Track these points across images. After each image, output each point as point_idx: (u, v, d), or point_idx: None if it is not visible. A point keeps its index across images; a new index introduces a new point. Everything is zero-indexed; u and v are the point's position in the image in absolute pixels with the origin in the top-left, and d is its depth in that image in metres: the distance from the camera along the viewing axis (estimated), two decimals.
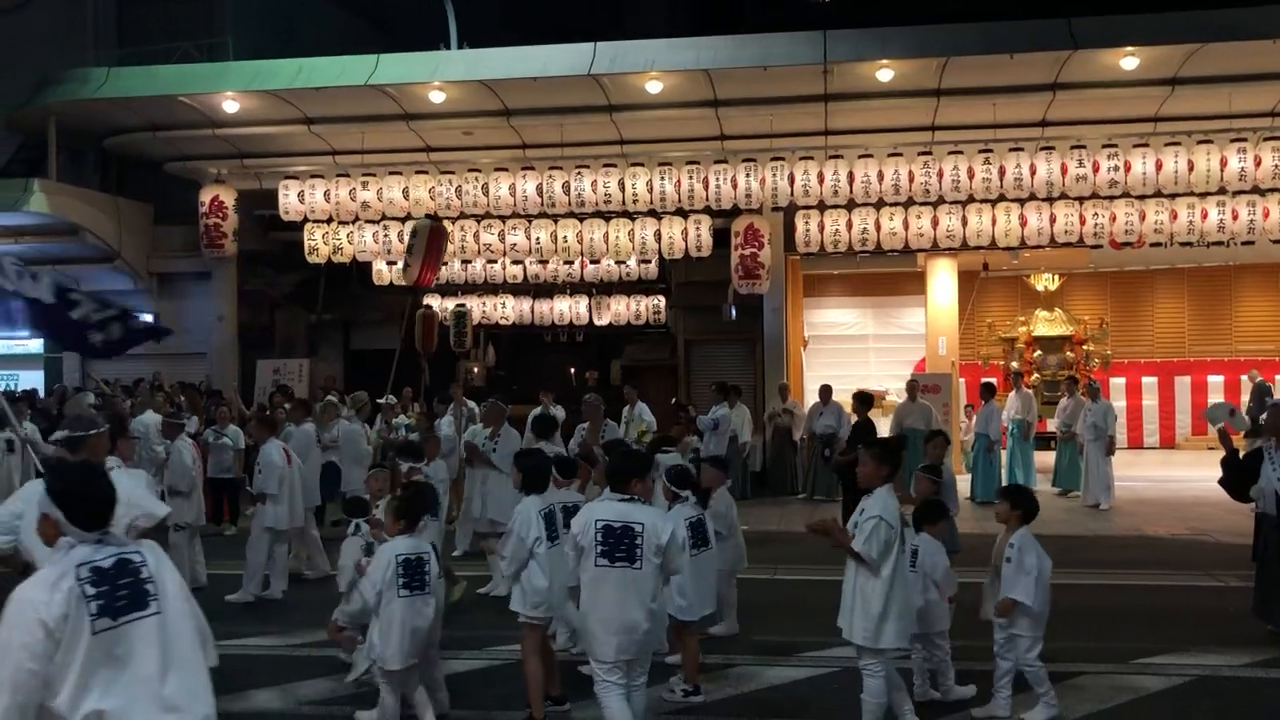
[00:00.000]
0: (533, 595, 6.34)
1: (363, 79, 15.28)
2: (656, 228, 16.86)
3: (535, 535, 6.33)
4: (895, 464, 5.92)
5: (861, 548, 5.63)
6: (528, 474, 6.65)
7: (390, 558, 6.01)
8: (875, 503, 5.72)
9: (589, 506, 5.69)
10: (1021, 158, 15.28)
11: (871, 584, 5.67)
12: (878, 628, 5.65)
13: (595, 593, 5.41)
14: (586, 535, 5.43)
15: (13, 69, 19.73)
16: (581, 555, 5.45)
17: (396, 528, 6.16)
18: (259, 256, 19.82)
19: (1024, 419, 16.30)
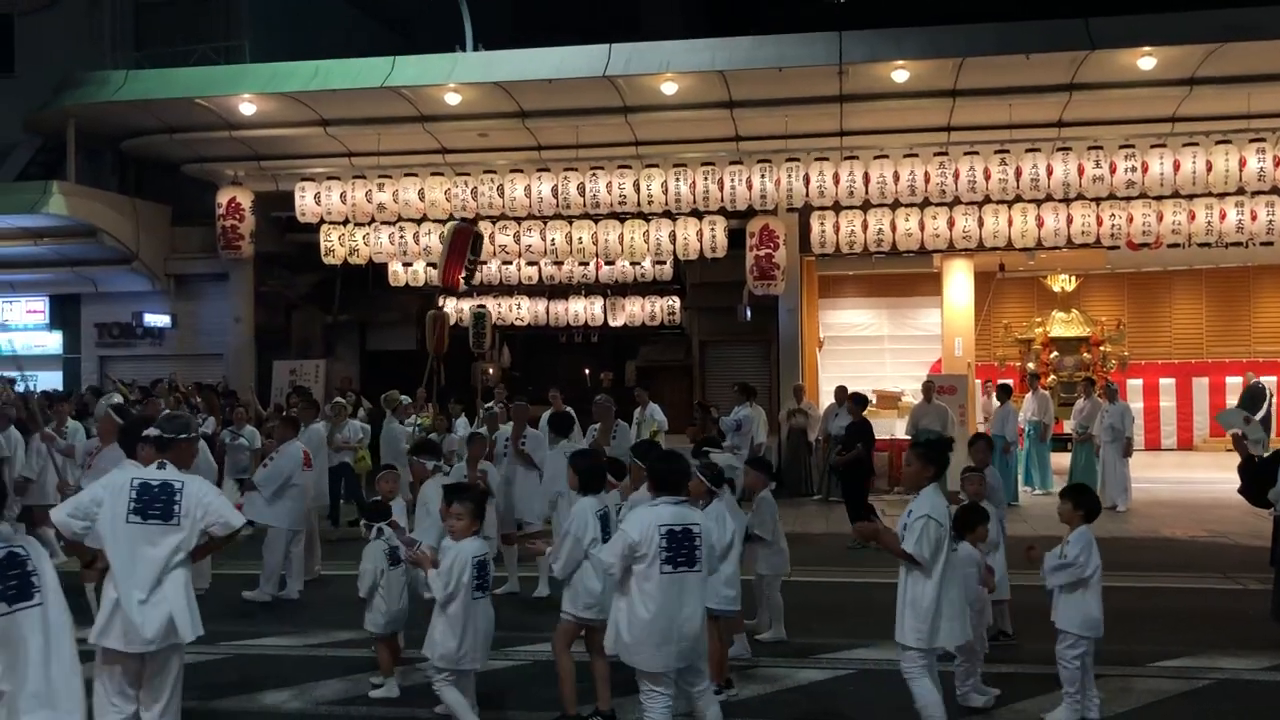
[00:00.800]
0: (585, 596, 6.31)
1: (379, 81, 15.33)
2: (671, 229, 16.86)
3: (591, 536, 6.24)
4: (942, 463, 5.80)
5: (913, 548, 5.53)
6: (584, 475, 6.54)
7: (468, 559, 5.91)
8: (923, 502, 5.62)
9: (644, 513, 5.46)
10: (1038, 158, 15.22)
11: (923, 584, 5.56)
12: (931, 626, 5.54)
13: (657, 601, 5.26)
14: (651, 543, 5.26)
15: (33, 72, 19.90)
16: (640, 563, 5.28)
17: (472, 528, 6.02)
18: (275, 258, 19.90)
19: (1041, 420, 16.26)
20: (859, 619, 8.66)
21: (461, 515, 5.98)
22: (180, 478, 5.23)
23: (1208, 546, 12.03)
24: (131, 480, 5.11)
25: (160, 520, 5.07)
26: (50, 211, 17.07)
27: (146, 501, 5.07)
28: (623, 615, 5.36)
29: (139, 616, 4.97)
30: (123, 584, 4.99)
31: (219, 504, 5.33)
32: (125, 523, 5.03)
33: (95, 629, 5.02)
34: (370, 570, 7.09)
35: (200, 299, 19.93)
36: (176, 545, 5.08)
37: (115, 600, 4.99)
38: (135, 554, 5.02)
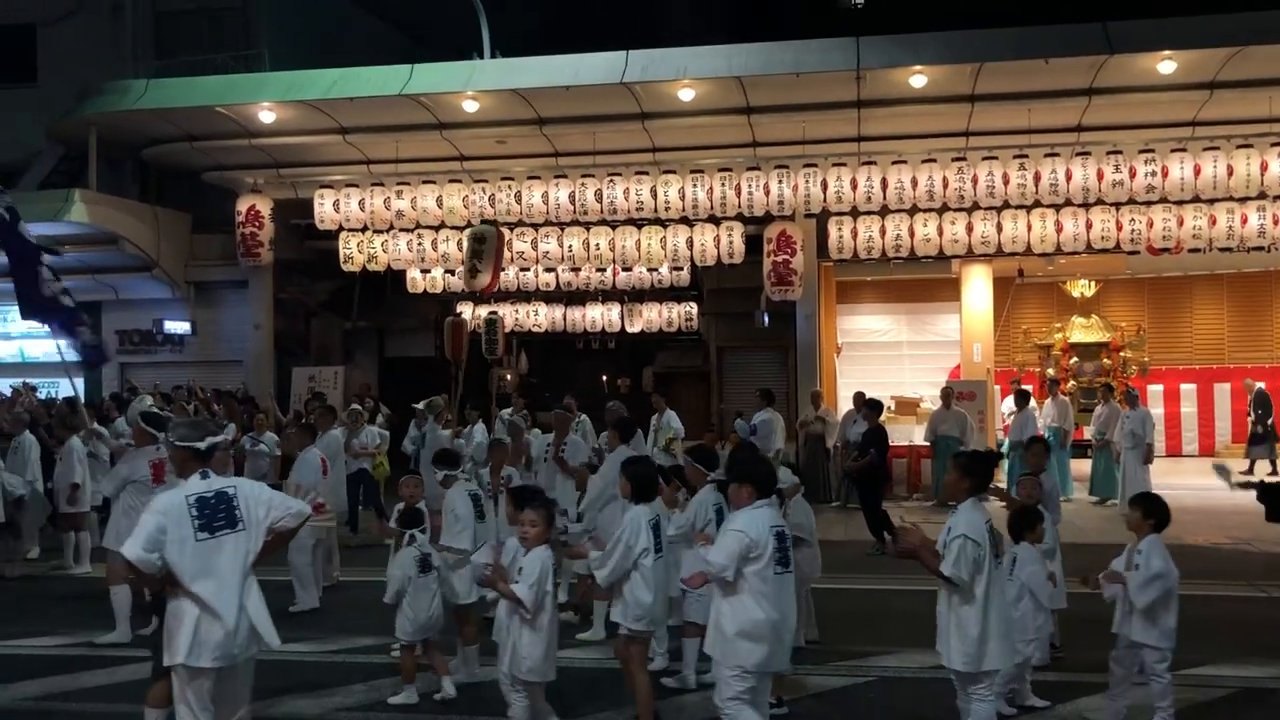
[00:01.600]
0: (635, 608, 6.21)
1: (397, 89, 15.40)
2: (689, 235, 16.87)
3: (644, 546, 6.17)
4: (983, 476, 5.67)
5: (950, 571, 5.38)
6: (637, 483, 6.44)
7: (550, 568, 5.85)
8: (960, 519, 5.48)
9: (753, 514, 5.44)
10: (1057, 163, 15.16)
11: (966, 606, 5.41)
12: (978, 650, 5.39)
13: (771, 600, 5.32)
14: (767, 545, 5.31)
15: (55, 82, 20.08)
16: (756, 564, 5.30)
17: (545, 536, 5.90)
18: (294, 265, 20.00)
19: (1060, 426, 16.17)
20: (879, 625, 8.63)
21: (535, 523, 5.86)
22: (231, 483, 5.19)
23: (1231, 554, 11.94)
24: (187, 498, 5.01)
25: (228, 529, 5.00)
26: (72, 219, 17.19)
27: (209, 515, 4.98)
28: (728, 616, 5.35)
29: (224, 629, 4.91)
30: (212, 600, 4.90)
31: (278, 498, 5.29)
32: (195, 541, 4.93)
33: (178, 650, 4.89)
34: (399, 577, 7.08)
35: (220, 306, 20.03)
36: (247, 550, 5.04)
37: (197, 618, 4.88)
38: (211, 569, 4.94)
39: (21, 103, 20.58)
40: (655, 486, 6.61)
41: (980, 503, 5.63)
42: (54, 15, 21.17)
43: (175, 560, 4.89)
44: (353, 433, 13.30)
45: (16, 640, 8.50)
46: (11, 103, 20.86)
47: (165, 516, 4.94)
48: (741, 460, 6.03)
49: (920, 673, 7.53)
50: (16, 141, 20.06)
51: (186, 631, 4.88)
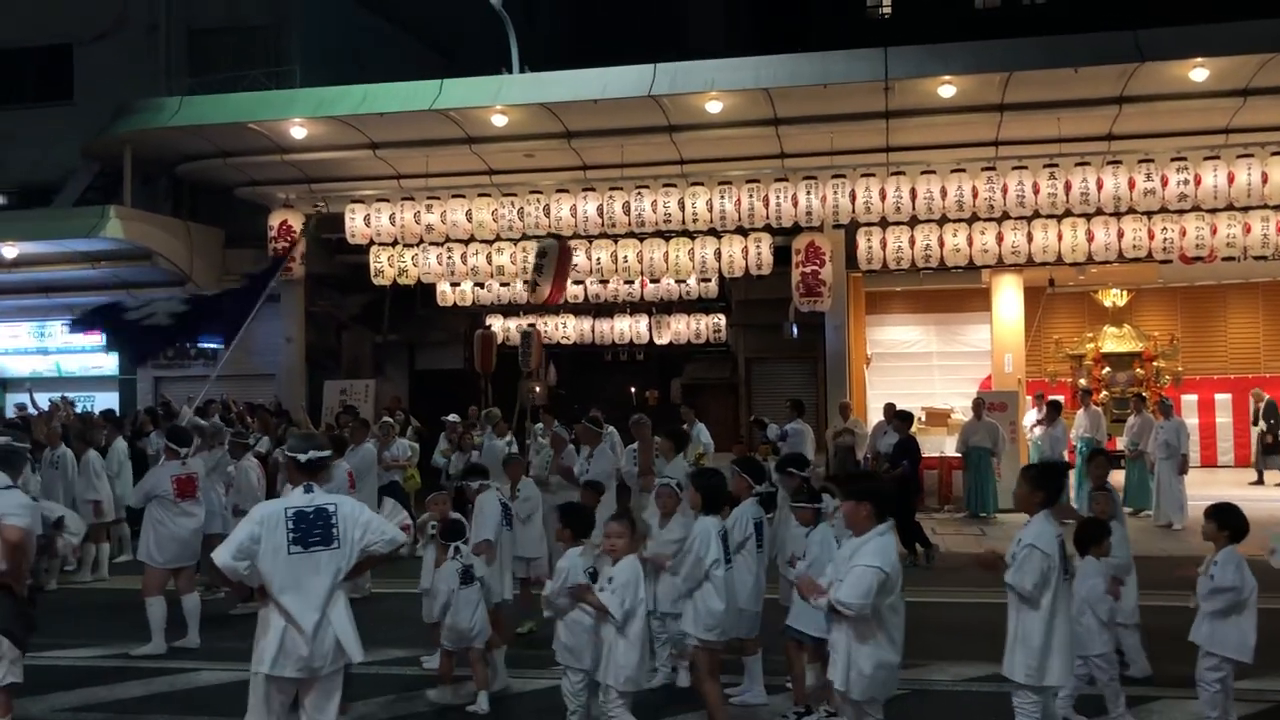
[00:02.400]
0: (707, 618, 6.24)
1: (427, 104, 15.50)
2: (716, 246, 16.88)
3: (714, 556, 6.21)
4: (1053, 488, 5.56)
5: (1012, 578, 5.33)
6: (707, 494, 6.50)
7: (640, 576, 5.89)
8: (1030, 530, 5.39)
9: (883, 543, 5.27)
10: (1088, 172, 15.06)
11: (1031, 618, 5.34)
12: (1041, 664, 5.32)
13: (900, 630, 5.30)
14: (898, 575, 5.22)
15: (91, 100, 20.38)
16: (891, 595, 5.19)
17: (633, 547, 6.00)
18: (326, 279, 20.16)
19: (1093, 437, 16.04)
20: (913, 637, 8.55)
21: (621, 534, 5.89)
22: (333, 500, 5.26)
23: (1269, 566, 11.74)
24: (285, 510, 5.11)
25: (322, 546, 5.08)
26: (107, 235, 17.41)
27: (305, 530, 5.07)
28: (865, 655, 5.20)
29: (311, 642, 5.00)
30: (296, 613, 4.99)
31: (377, 521, 5.33)
32: (288, 554, 5.03)
33: (263, 659, 5.03)
34: (444, 591, 7.19)
35: (252, 320, 20.17)
36: (338, 568, 5.12)
37: (283, 629, 5.00)
38: (301, 582, 5.03)
39: (58, 121, 20.91)
40: (725, 498, 6.65)
41: (1052, 515, 5.50)
42: (90, 35, 21.50)
43: (267, 570, 5.02)
44: (384, 445, 13.36)
45: (52, 651, 8.59)
46: (49, 121, 21.19)
47: (260, 526, 5.05)
48: (858, 475, 5.95)
49: (955, 685, 7.50)
50: (53, 159, 20.38)
51: (272, 642, 5.01)
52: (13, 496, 5.94)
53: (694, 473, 7.03)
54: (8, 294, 20.22)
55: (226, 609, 10.35)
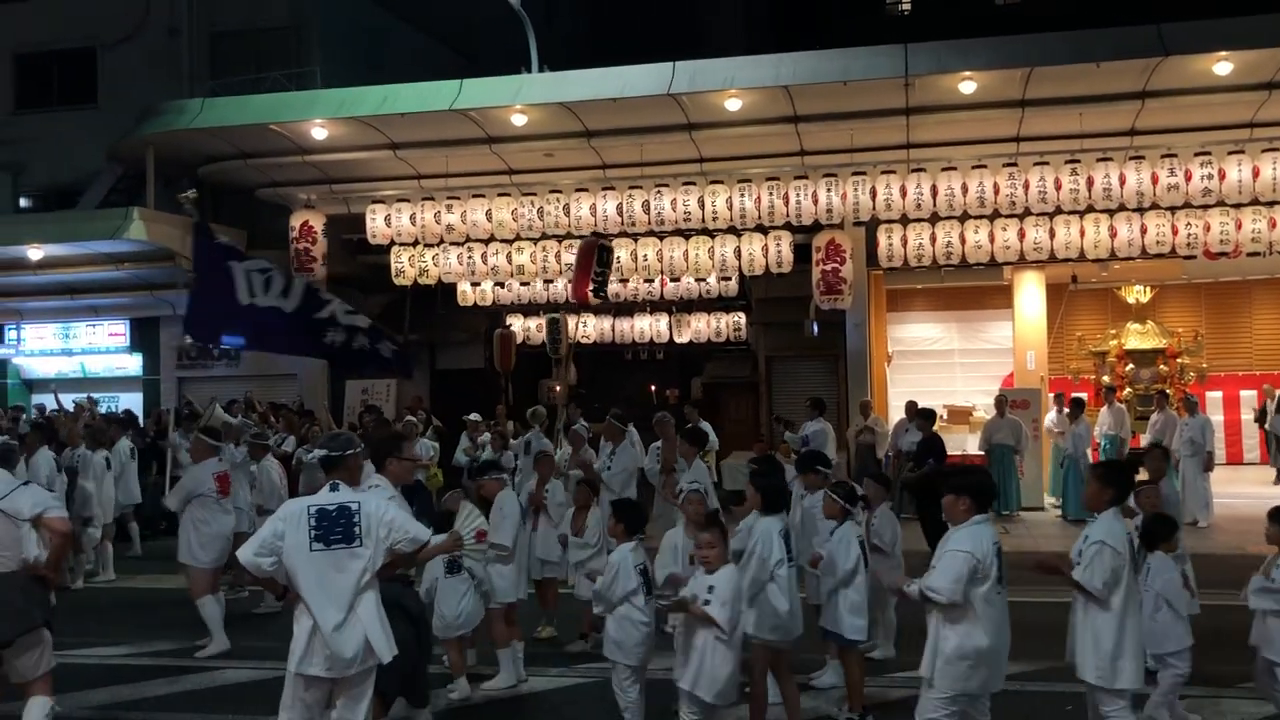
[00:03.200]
0: (771, 618, 6.18)
1: (447, 104, 15.55)
2: (736, 244, 16.85)
3: (778, 557, 6.16)
4: (1123, 486, 5.50)
5: (1081, 576, 5.26)
6: (767, 494, 6.43)
7: (741, 586, 5.82)
8: (1099, 527, 5.33)
9: (976, 531, 5.20)
10: (1110, 168, 14.95)
11: (1102, 617, 5.26)
12: (1112, 665, 5.24)
13: (995, 622, 5.15)
14: (992, 564, 5.11)
15: (114, 103, 20.55)
16: (982, 585, 5.09)
17: (726, 557, 5.86)
18: (347, 279, 20.21)
19: (1117, 434, 15.94)
20: None
21: (714, 543, 5.71)
22: (356, 498, 5.25)
23: None
24: (308, 508, 5.13)
25: (344, 544, 5.08)
26: (131, 237, 17.55)
27: (326, 528, 5.08)
28: (951, 640, 5.13)
29: (337, 641, 5.01)
30: (317, 611, 5.01)
31: (402, 519, 5.33)
32: (310, 551, 5.05)
33: (293, 656, 5.08)
34: (428, 577, 7.35)
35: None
36: (363, 567, 5.10)
37: (311, 627, 5.04)
38: (324, 581, 5.04)
39: (82, 123, 21.10)
40: (785, 497, 6.58)
41: (1120, 513, 5.43)
42: (113, 39, 21.69)
43: (291, 567, 5.06)
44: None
45: (80, 650, 8.67)
46: (73, 123, 21.39)
47: (284, 523, 5.12)
48: (958, 470, 5.82)
49: None
50: (77, 162, 20.57)
51: (302, 639, 5.07)
52: (36, 492, 6.04)
53: (752, 471, 6.94)
54: (33, 296, 20.41)
55: (250, 608, 10.43)
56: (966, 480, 5.42)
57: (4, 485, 5.88)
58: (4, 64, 22.62)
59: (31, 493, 5.98)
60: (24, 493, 5.91)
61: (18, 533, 5.79)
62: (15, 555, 5.75)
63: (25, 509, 5.80)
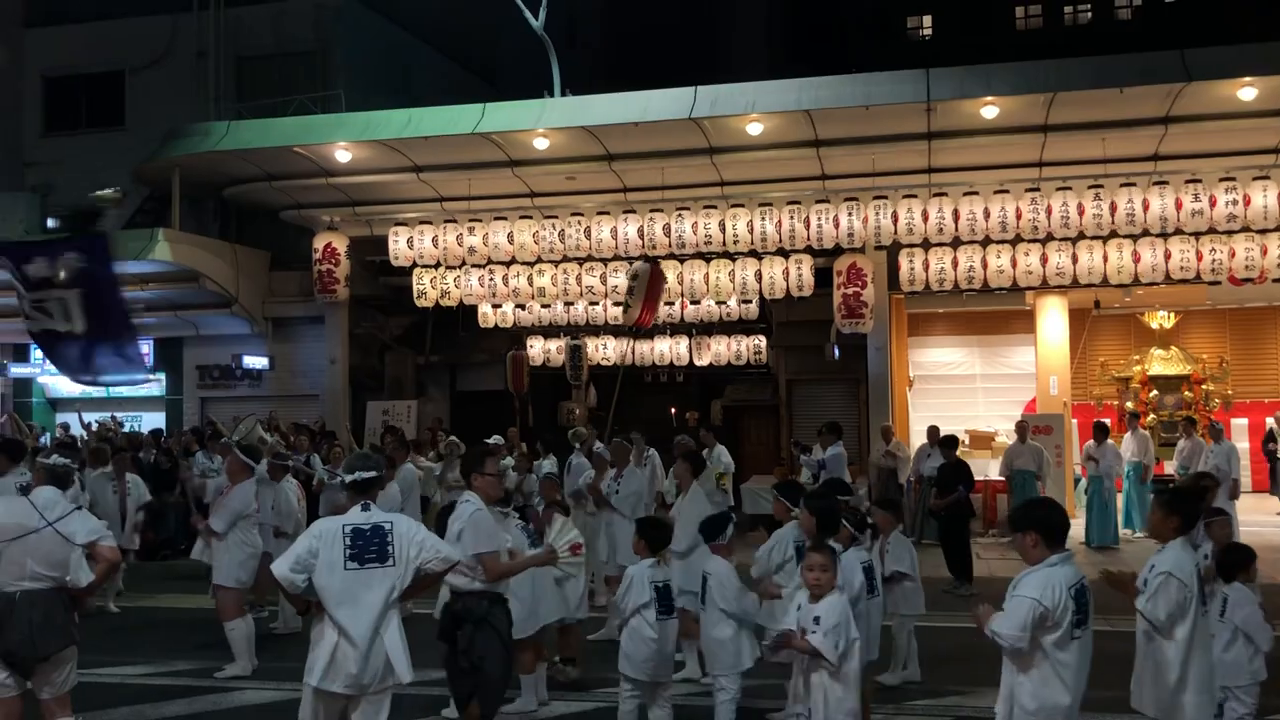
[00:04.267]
0: None
1: (470, 127, 15.64)
2: (757, 268, 16.85)
3: (856, 592, 6.00)
4: (1190, 514, 5.29)
5: (1144, 606, 5.06)
6: (821, 516, 6.27)
7: (850, 614, 5.49)
8: (1166, 557, 5.12)
9: (1047, 574, 4.77)
10: (1134, 193, 14.89)
11: (1165, 649, 5.08)
12: (1173, 700, 5.06)
13: (1074, 673, 4.77)
14: (1065, 612, 4.71)
15: (142, 125, 20.78)
16: (1053, 633, 4.73)
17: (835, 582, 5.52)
18: (369, 301, 20.36)
19: (1141, 461, 15.81)
20: (959, 665, 8.46)
21: (826, 568, 5.38)
22: (389, 518, 5.34)
23: None
24: (344, 527, 5.20)
25: (377, 563, 5.16)
26: (156, 258, 17.68)
27: (361, 546, 5.15)
28: (1026, 690, 4.80)
29: (362, 658, 5.07)
30: (347, 627, 5.07)
31: (432, 540, 5.41)
32: (344, 570, 5.11)
33: (314, 671, 5.12)
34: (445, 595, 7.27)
35: (297, 341, 20.43)
36: (393, 585, 5.18)
37: (335, 644, 5.08)
38: (356, 598, 5.11)
39: (110, 145, 21.34)
40: (839, 522, 6.38)
41: (1189, 543, 5.24)
42: (141, 62, 21.95)
43: (323, 584, 5.10)
44: (448, 464, 13.41)
45: (101, 669, 8.69)
46: (101, 145, 21.63)
47: (319, 540, 5.17)
48: (1026, 504, 5.35)
49: None
50: (105, 182, 20.75)
51: (324, 655, 5.09)
52: (89, 519, 6.16)
53: (807, 495, 6.84)
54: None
55: (268, 627, 10.43)
56: (1034, 514, 5.00)
57: (60, 507, 6.00)
58: (35, 87, 22.92)
59: (84, 519, 6.12)
60: (78, 518, 6.06)
61: (67, 554, 5.92)
62: (62, 575, 5.90)
63: (80, 535, 5.97)
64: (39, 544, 5.81)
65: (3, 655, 5.74)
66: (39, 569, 5.80)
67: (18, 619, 5.72)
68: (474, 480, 6.21)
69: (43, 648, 5.78)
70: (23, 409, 21.29)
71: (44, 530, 5.80)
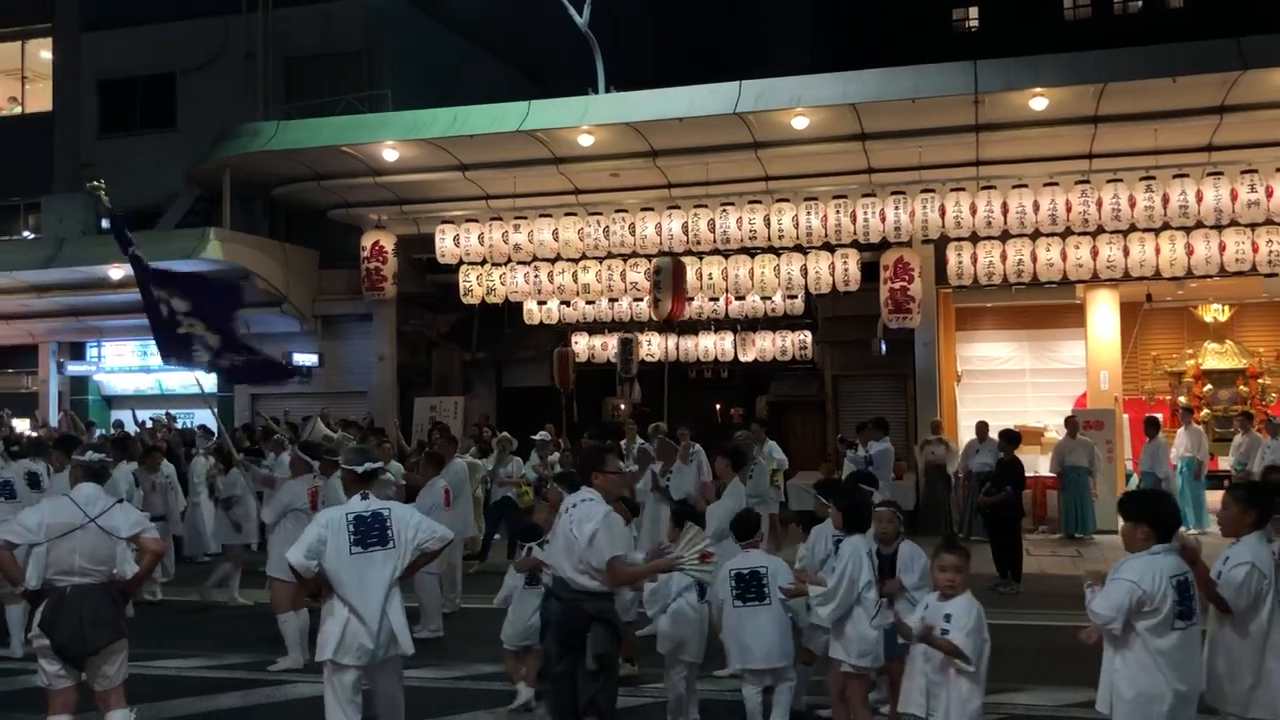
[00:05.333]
0: (859, 643, 5.99)
1: (515, 125, 15.72)
2: (803, 263, 16.78)
3: (866, 578, 5.98)
4: (1266, 508, 5.25)
5: (1231, 595, 5.03)
6: (850, 513, 6.25)
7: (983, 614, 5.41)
8: (1244, 549, 5.11)
9: (1146, 562, 4.81)
10: (1187, 184, 14.64)
11: (1241, 645, 5.06)
12: (1248, 695, 5.06)
13: (1172, 663, 4.79)
14: (1165, 599, 4.74)
15: (193, 126, 21.09)
16: (1149, 619, 4.76)
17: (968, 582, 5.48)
18: (416, 298, 20.52)
19: (1194, 456, 15.56)
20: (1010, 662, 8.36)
21: (960, 568, 5.29)
22: (386, 505, 5.94)
23: None
24: (346, 515, 5.78)
25: (379, 546, 5.74)
26: (207, 257, 17.93)
27: (364, 532, 5.74)
28: (1124, 677, 4.84)
29: (369, 633, 5.61)
30: (356, 606, 5.62)
31: (427, 522, 6.03)
32: (350, 554, 5.67)
33: (328, 646, 5.64)
34: (509, 584, 7.55)
35: (345, 338, 20.64)
36: (394, 566, 5.76)
37: (346, 620, 5.63)
38: (362, 579, 5.67)
39: (162, 147, 21.68)
40: (869, 516, 6.36)
41: (1265, 537, 5.20)
42: (192, 64, 22.27)
43: (331, 568, 5.67)
44: (501, 460, 13.51)
45: (153, 661, 8.84)
46: (153, 147, 21.98)
47: (326, 529, 5.75)
48: (1138, 495, 5.39)
49: (1056, 711, 7.31)
50: (157, 183, 21.12)
51: (335, 632, 5.65)
52: (131, 512, 6.31)
53: (839, 490, 6.81)
54: (113, 314, 20.92)
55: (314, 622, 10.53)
56: (1149, 507, 5.04)
57: (101, 502, 6.13)
58: (90, 90, 23.33)
59: (126, 512, 6.27)
60: (120, 511, 6.20)
61: (113, 548, 6.07)
62: (109, 569, 6.06)
63: (124, 528, 6.12)
64: (84, 539, 5.99)
65: (55, 649, 5.91)
66: (86, 564, 5.98)
67: (68, 613, 5.90)
68: (595, 479, 5.90)
69: (93, 641, 5.95)
70: (79, 406, 21.69)
71: (88, 526, 5.99)
